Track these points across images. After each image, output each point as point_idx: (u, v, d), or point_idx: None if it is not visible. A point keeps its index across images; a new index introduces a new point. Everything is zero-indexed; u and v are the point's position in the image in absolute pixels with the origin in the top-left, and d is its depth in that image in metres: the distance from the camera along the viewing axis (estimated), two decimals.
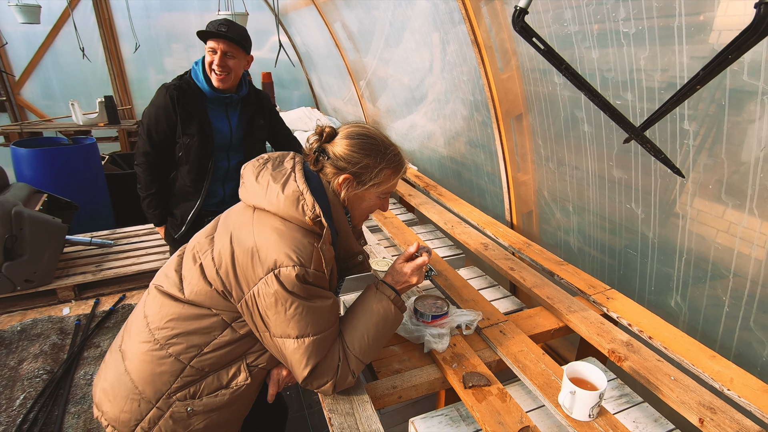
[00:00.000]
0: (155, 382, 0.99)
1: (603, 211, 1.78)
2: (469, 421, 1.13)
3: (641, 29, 1.32)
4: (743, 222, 1.28)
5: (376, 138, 1.06)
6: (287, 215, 0.97)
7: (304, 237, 0.96)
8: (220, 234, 1.03)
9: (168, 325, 0.99)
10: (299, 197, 0.97)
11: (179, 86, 1.79)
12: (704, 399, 1.10)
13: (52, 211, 2.72)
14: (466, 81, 2.34)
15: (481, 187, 2.62)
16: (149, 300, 1.06)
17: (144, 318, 1.03)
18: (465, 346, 1.29)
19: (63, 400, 1.90)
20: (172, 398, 0.99)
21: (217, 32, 1.70)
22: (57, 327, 2.35)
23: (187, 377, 0.99)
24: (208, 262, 1.00)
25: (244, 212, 1.04)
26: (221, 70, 1.76)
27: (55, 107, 5.05)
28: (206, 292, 0.99)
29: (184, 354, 0.99)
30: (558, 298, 1.53)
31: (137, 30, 4.83)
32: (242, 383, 1.04)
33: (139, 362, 1.00)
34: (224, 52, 1.74)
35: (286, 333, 0.95)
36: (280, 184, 0.99)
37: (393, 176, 1.09)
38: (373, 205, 1.12)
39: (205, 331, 0.99)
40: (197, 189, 1.94)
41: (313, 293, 0.95)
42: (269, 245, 0.93)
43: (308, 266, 0.93)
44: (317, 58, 5.06)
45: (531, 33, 0.88)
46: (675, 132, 1.37)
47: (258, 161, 1.07)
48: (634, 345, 1.30)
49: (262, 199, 0.99)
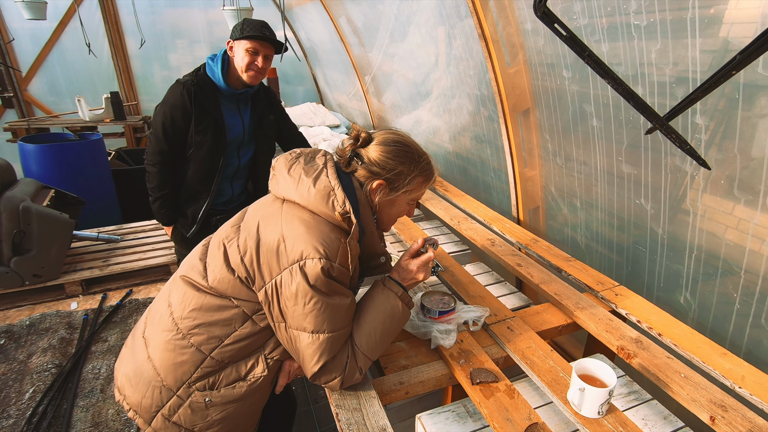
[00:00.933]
0: (176, 371, 1.01)
1: (611, 208, 1.76)
2: (476, 417, 1.13)
3: (653, 21, 1.30)
4: (755, 219, 1.26)
5: (410, 146, 1.09)
6: (317, 209, 0.98)
7: (331, 231, 0.97)
8: (247, 223, 1.04)
9: (191, 315, 1.01)
10: (330, 192, 0.98)
11: (196, 82, 1.78)
12: (715, 397, 1.09)
13: (59, 206, 2.74)
14: (472, 75, 2.32)
15: (487, 182, 2.60)
16: (174, 288, 1.07)
17: (168, 306, 1.05)
18: (472, 342, 1.28)
19: (71, 393, 1.92)
20: (191, 388, 1.01)
21: (263, 35, 1.73)
22: (65, 321, 2.36)
23: (207, 368, 1.01)
24: (234, 250, 1.01)
25: (272, 204, 1.05)
26: (260, 71, 1.79)
27: (62, 103, 5.07)
28: (229, 279, 1.00)
29: (205, 345, 1.00)
30: (566, 295, 1.52)
31: (142, 26, 4.83)
32: (260, 375, 1.05)
33: (161, 350, 1.02)
34: (265, 55, 1.78)
35: (302, 326, 0.96)
36: (312, 178, 1.00)
37: (424, 184, 1.11)
38: (401, 211, 1.15)
39: (226, 322, 1.01)
40: (207, 187, 1.92)
41: (334, 289, 0.96)
42: (296, 236, 0.94)
43: (334, 260, 0.94)
44: (322, 53, 5.05)
45: (553, 18, 0.85)
46: (686, 126, 1.35)
47: (291, 155, 1.08)
48: (643, 342, 1.29)
49: (293, 192, 1.01)
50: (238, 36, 1.74)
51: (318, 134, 3.48)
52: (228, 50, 1.80)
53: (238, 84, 1.83)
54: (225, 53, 1.82)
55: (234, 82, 1.83)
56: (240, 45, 1.75)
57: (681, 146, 1.00)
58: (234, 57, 1.79)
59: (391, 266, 1.20)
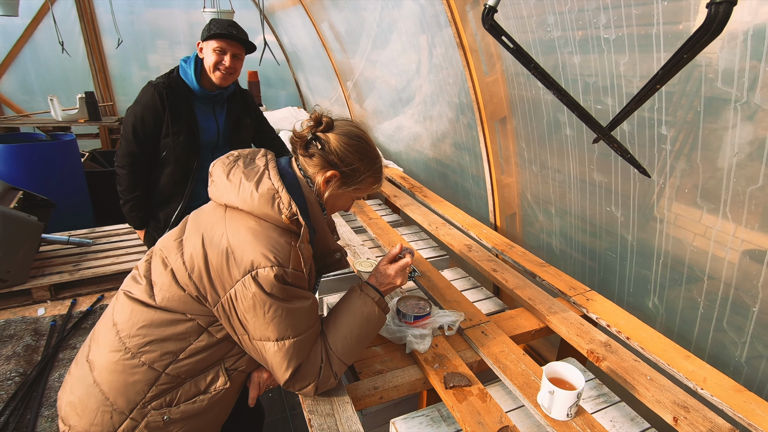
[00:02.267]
0: (128, 392, 0.95)
1: (584, 214, 1.81)
2: (449, 421, 1.14)
3: (621, 36, 1.35)
4: (717, 226, 1.31)
5: (370, 145, 1.07)
6: (262, 214, 0.94)
7: (280, 236, 0.93)
8: (190, 236, 0.98)
9: (140, 333, 0.95)
10: (275, 195, 0.94)
11: (168, 84, 1.76)
12: (678, 398, 1.12)
13: (27, 208, 2.64)
14: (452, 84, 2.36)
15: (466, 189, 2.64)
16: (118, 307, 1.01)
17: (113, 326, 0.98)
18: (447, 347, 1.29)
19: (36, 403, 1.84)
20: (147, 408, 0.96)
21: (229, 34, 1.70)
22: (31, 328, 2.27)
23: (162, 385, 0.96)
24: (179, 266, 0.95)
25: (214, 212, 1.00)
26: (229, 71, 1.76)
27: (33, 102, 4.92)
28: (179, 297, 0.95)
29: (158, 362, 0.95)
30: (539, 300, 1.55)
31: (120, 25, 4.73)
32: (221, 388, 1.01)
33: (109, 372, 0.95)
34: (233, 53, 1.75)
35: (266, 336, 0.93)
36: (253, 182, 0.96)
37: (372, 186, 1.11)
38: (344, 205, 1.13)
39: (180, 336, 0.95)
40: (180, 190, 1.89)
41: (292, 294, 0.94)
42: (244, 246, 0.91)
43: (287, 266, 0.91)
44: (304, 57, 5.04)
45: (500, 31, 0.89)
46: (653, 137, 1.40)
47: (228, 158, 1.03)
48: (612, 345, 1.32)
49: (235, 198, 0.96)
50: (205, 36, 1.73)
51: None
52: (198, 52, 1.79)
53: (211, 86, 1.82)
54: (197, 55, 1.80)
55: (207, 84, 1.81)
56: (208, 45, 1.74)
57: (622, 155, 1.05)
58: (204, 58, 1.77)
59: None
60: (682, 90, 1.29)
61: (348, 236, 2.08)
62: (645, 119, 1.41)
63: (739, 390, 1.13)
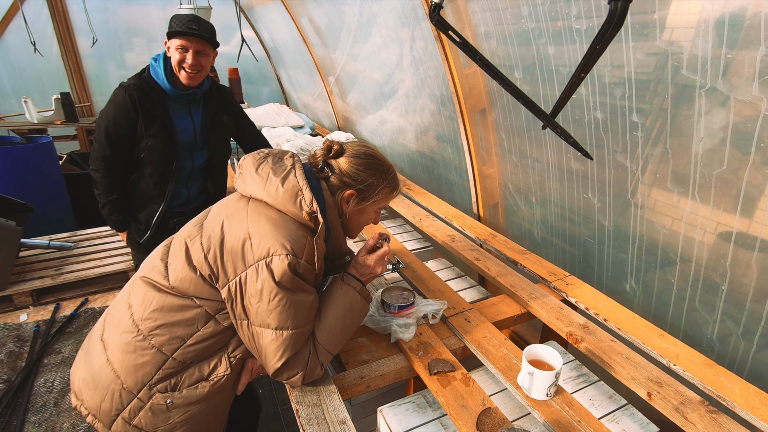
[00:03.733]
0: (137, 373, 0.99)
1: (563, 202, 1.85)
2: (435, 407, 1.17)
3: (592, 26, 1.38)
4: (688, 208, 1.36)
5: (379, 159, 1.15)
6: (284, 208, 1.00)
7: (298, 229, 0.99)
8: (211, 221, 1.05)
9: (152, 316, 1.00)
10: (298, 192, 1.01)
11: (139, 86, 1.72)
12: (652, 374, 1.17)
13: (5, 213, 2.59)
14: (433, 77, 2.37)
15: (450, 180, 2.67)
16: (134, 290, 1.06)
17: (128, 308, 1.03)
18: (431, 335, 1.32)
19: (22, 409, 1.83)
20: (153, 389, 1.00)
21: (189, 30, 1.65)
22: (14, 334, 2.24)
23: (168, 369, 1.00)
24: (196, 248, 1.01)
25: (237, 202, 1.06)
26: (193, 68, 1.72)
27: (6, 105, 4.78)
28: (191, 278, 1.00)
29: (166, 346, 0.99)
30: (520, 286, 1.59)
31: (95, 24, 4.62)
32: (222, 374, 1.05)
33: (121, 352, 1.00)
34: (196, 50, 1.70)
35: (266, 323, 0.97)
36: (280, 178, 1.03)
37: (391, 194, 1.18)
38: (369, 219, 1.20)
39: (189, 323, 1.00)
40: (161, 191, 1.87)
41: (299, 286, 0.98)
42: (263, 234, 0.96)
43: (300, 257, 0.96)
44: (285, 53, 5.00)
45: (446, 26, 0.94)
46: (625, 125, 1.44)
47: (258, 154, 1.11)
48: (590, 327, 1.37)
49: (261, 190, 1.02)
50: (168, 35, 1.68)
51: (281, 134, 3.45)
52: (166, 50, 1.74)
53: (184, 85, 1.77)
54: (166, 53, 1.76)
55: (179, 83, 1.77)
56: (171, 44, 1.70)
57: (566, 139, 1.11)
58: (171, 57, 1.73)
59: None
60: (655, 78, 1.32)
61: None
62: (617, 107, 1.44)
63: (709, 364, 1.19)
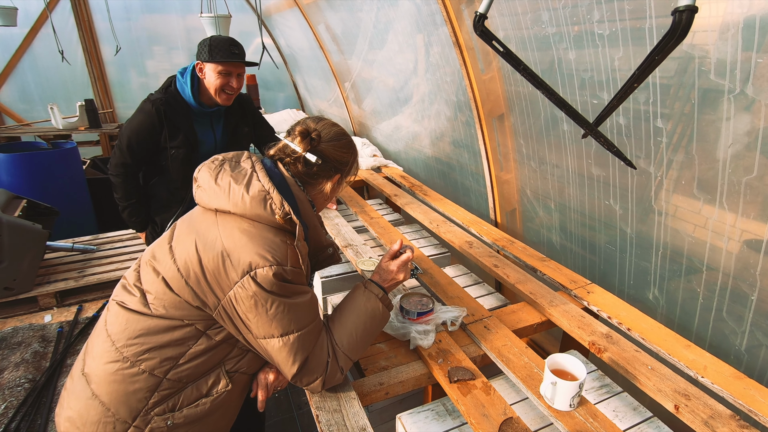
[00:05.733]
0: (129, 401, 0.94)
1: (583, 208, 1.82)
2: (455, 415, 1.15)
3: (615, 30, 1.37)
4: (714, 216, 1.33)
5: (348, 134, 1.13)
6: (255, 216, 0.94)
7: (275, 236, 0.94)
8: (181, 242, 0.98)
9: (137, 341, 0.94)
10: (266, 196, 0.94)
11: (165, 100, 1.76)
12: (679, 386, 1.14)
13: (31, 216, 2.67)
14: (449, 82, 2.37)
15: (466, 186, 2.65)
16: (111, 318, 0.99)
17: (108, 337, 0.97)
18: (450, 342, 1.31)
19: (46, 408, 1.87)
20: (150, 414, 0.95)
21: (233, 56, 1.71)
22: (38, 335, 2.30)
23: (164, 391, 0.95)
24: (174, 274, 0.94)
25: (204, 217, 1.00)
26: (235, 92, 1.79)
27: (34, 111, 4.94)
28: (176, 303, 0.94)
29: (158, 368, 0.94)
30: (540, 294, 1.57)
31: (118, 32, 4.76)
32: (223, 390, 1.01)
33: (108, 383, 0.94)
34: (238, 74, 1.78)
35: (270, 333, 0.94)
36: (243, 185, 0.95)
37: (356, 171, 1.16)
38: (331, 198, 1.16)
39: (179, 342, 0.95)
40: (181, 197, 1.92)
41: (292, 290, 0.95)
42: (240, 248, 0.91)
43: (285, 264, 0.92)
44: (302, 59, 5.06)
45: (491, 36, 0.93)
46: (649, 130, 1.41)
47: (213, 163, 1.03)
48: (613, 337, 1.34)
49: (226, 202, 0.96)
50: (207, 59, 1.72)
51: None
52: (198, 72, 1.77)
53: (211, 102, 1.82)
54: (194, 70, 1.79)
55: (206, 101, 1.82)
56: (210, 68, 1.74)
57: (609, 148, 1.09)
58: (204, 78, 1.76)
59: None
60: (678, 82, 1.30)
61: (350, 236, 2.10)
62: (641, 112, 1.42)
63: (739, 377, 1.15)
